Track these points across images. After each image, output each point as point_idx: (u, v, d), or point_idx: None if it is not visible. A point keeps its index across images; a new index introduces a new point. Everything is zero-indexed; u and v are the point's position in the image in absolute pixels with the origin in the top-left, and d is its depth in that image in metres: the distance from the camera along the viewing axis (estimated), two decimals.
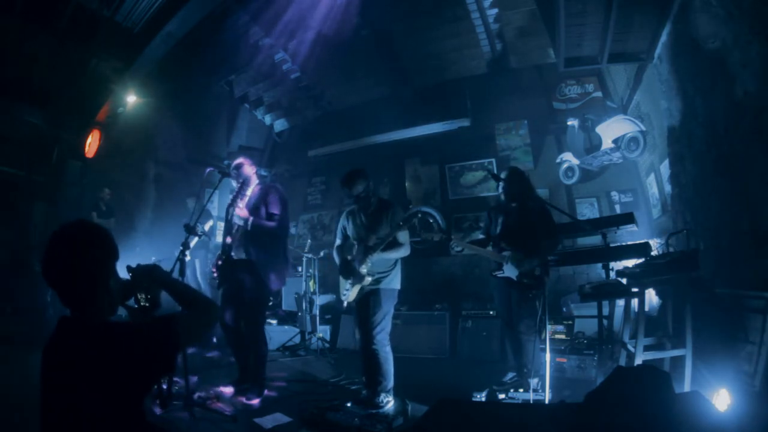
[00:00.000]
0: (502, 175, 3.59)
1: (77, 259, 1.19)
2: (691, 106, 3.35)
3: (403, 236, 3.25)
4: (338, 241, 3.48)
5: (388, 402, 3.12)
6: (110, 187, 6.20)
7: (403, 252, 3.25)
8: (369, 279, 3.19)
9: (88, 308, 1.22)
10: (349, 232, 3.43)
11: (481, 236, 3.80)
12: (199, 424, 2.82)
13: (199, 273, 6.15)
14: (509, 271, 3.40)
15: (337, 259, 3.41)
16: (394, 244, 3.20)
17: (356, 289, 3.26)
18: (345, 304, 3.40)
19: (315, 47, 6.02)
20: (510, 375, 3.50)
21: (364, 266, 3.18)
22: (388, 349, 3.20)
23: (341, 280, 3.38)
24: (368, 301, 3.22)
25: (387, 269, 3.25)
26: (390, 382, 3.16)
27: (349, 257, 3.32)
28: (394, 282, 3.29)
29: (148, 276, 1.39)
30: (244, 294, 3.39)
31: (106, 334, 1.18)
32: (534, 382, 3.17)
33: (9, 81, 5.19)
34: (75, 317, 1.22)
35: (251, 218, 3.35)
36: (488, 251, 3.56)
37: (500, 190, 3.62)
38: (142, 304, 1.39)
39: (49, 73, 5.44)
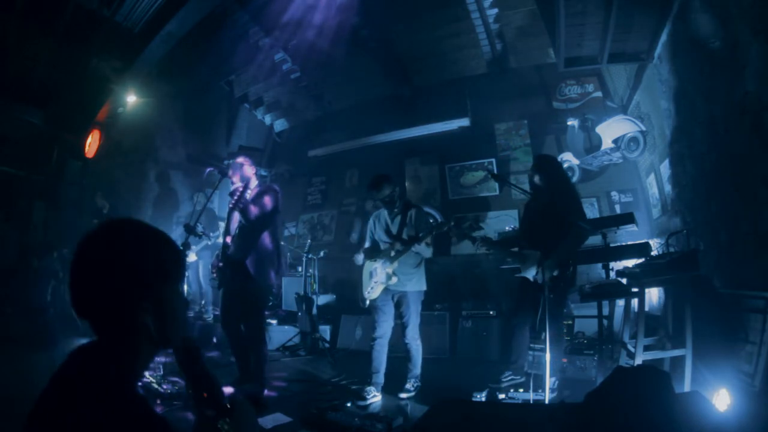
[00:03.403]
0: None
1: (103, 265, 0.89)
2: (691, 106, 3.34)
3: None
4: (367, 244, 3.71)
5: (416, 387, 3.47)
6: (109, 187, 6.19)
7: (426, 253, 3.47)
8: (395, 279, 3.40)
9: (108, 337, 0.90)
10: (377, 235, 3.64)
11: None
12: None
13: (202, 275, 6.14)
14: (527, 272, 3.24)
15: (361, 261, 3.62)
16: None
17: (380, 288, 3.45)
18: (367, 302, 3.55)
19: (315, 47, 6.00)
20: (507, 374, 3.43)
21: (390, 267, 3.39)
22: (419, 342, 3.50)
23: (365, 279, 3.57)
24: (398, 305, 3.50)
25: (412, 271, 3.47)
26: (418, 369, 3.51)
27: (376, 258, 3.52)
28: (420, 283, 3.52)
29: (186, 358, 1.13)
30: (243, 294, 3.40)
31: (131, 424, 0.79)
32: (552, 381, 3.06)
33: (9, 81, 5.18)
34: (102, 357, 0.88)
35: (247, 204, 3.33)
36: (510, 252, 3.46)
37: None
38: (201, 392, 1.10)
39: (49, 73, 5.44)
